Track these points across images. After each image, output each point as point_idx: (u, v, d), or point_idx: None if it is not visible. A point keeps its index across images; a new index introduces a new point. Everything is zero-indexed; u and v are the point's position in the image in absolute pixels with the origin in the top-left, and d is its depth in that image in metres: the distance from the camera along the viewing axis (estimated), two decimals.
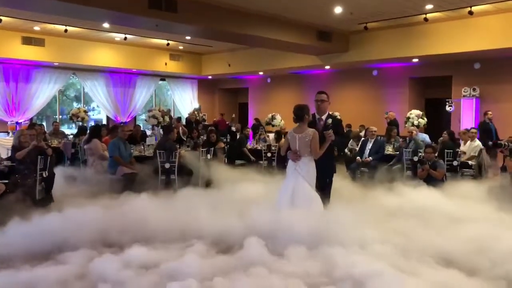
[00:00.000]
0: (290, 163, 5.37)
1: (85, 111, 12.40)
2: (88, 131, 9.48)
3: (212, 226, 5.05)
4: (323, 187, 5.38)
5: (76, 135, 10.63)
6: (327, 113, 5.61)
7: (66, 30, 12.10)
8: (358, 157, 9.29)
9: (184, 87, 18.50)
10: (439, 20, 10.88)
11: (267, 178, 7.86)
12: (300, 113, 5.24)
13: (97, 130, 8.87)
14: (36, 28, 12.48)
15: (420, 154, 8.49)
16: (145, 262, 4.21)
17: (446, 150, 8.72)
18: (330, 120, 5.45)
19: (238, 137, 11.65)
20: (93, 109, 18.56)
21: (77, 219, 5.18)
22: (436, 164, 7.83)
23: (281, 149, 5.74)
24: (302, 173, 5.21)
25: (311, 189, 5.19)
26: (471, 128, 9.86)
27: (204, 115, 17.57)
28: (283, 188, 5.34)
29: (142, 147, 9.18)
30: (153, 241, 4.79)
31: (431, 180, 7.67)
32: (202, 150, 8.64)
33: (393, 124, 11.67)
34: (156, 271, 4.01)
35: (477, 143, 9.23)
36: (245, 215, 5.27)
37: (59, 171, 7.96)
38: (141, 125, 12.17)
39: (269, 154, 10.16)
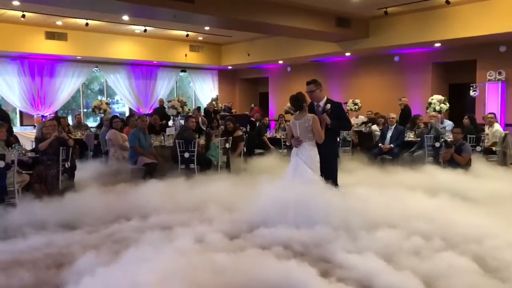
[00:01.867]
0: (293, 149, 5.53)
1: (107, 103, 12.59)
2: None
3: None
4: (327, 172, 5.37)
5: (98, 127, 10.83)
6: (325, 98, 5.62)
7: (87, 24, 12.30)
8: (380, 144, 9.25)
9: (204, 78, 18.59)
10: (462, 2, 10.58)
11: (283, 164, 7.92)
12: (297, 103, 5.38)
13: (111, 120, 9.02)
14: (59, 22, 12.73)
15: (442, 139, 8.37)
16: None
17: (468, 136, 8.55)
18: (328, 106, 5.45)
19: (257, 125, 11.65)
20: (117, 102, 18.86)
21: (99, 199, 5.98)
22: (462, 148, 7.67)
23: (287, 139, 5.83)
24: (303, 158, 5.30)
25: (312, 173, 5.20)
26: (489, 113, 9.61)
27: (231, 103, 17.60)
28: (286, 173, 5.50)
29: (162, 137, 9.31)
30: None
31: (455, 163, 7.53)
32: (220, 139, 8.71)
33: (407, 110, 11.59)
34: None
35: (496, 128, 9.01)
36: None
37: (82, 163, 8.24)
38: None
39: (288, 143, 10.15)
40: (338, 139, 6.11)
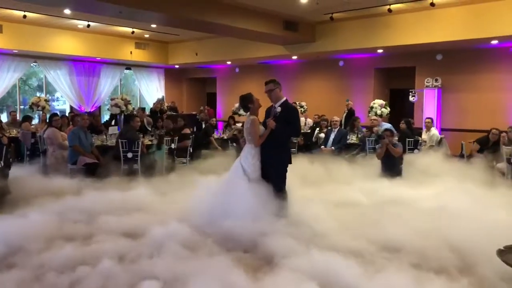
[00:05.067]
0: None
1: (46, 100, 12.00)
2: (48, 120, 9.21)
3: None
4: (272, 178, 5.13)
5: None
6: (282, 100, 5.34)
7: (25, 16, 11.63)
8: (322, 146, 9.46)
9: (150, 76, 18.18)
10: (403, 11, 11.04)
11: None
12: (241, 103, 5.44)
13: (51, 118, 8.65)
14: None
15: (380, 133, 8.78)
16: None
17: (407, 139, 8.93)
18: (279, 108, 5.25)
19: (203, 127, 11.57)
20: (57, 99, 18.08)
21: None
22: (394, 145, 8.01)
23: None
24: (242, 159, 5.25)
25: (242, 173, 5.12)
26: (427, 118, 10.13)
27: (173, 103, 17.30)
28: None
29: (105, 137, 9.01)
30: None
31: (389, 161, 7.79)
32: (166, 139, 8.57)
33: (351, 113, 12.00)
34: None
35: (433, 132, 9.50)
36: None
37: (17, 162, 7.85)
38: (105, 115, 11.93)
39: (235, 144, 10.16)
40: (288, 145, 5.65)
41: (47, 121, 9.25)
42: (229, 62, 16.56)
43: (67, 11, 10.93)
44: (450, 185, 6.52)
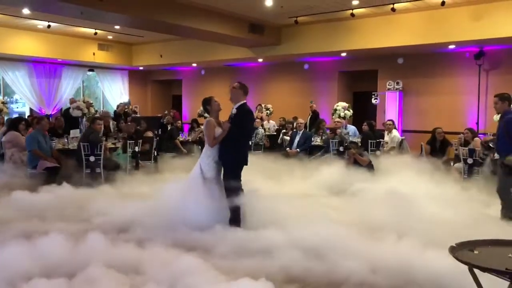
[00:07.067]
0: None
1: (4, 102, 11.59)
2: (6, 123, 8.92)
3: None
4: (225, 177, 5.31)
5: None
6: (240, 103, 5.38)
7: None
8: (287, 148, 9.56)
9: (114, 78, 17.82)
10: (365, 16, 11.30)
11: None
12: (202, 105, 5.64)
13: (16, 122, 8.39)
14: None
15: (345, 144, 8.85)
16: None
17: (369, 141, 9.13)
18: (234, 110, 5.38)
19: (169, 129, 11.47)
20: (16, 101, 17.50)
21: None
22: (361, 154, 8.13)
23: None
24: (200, 159, 5.42)
25: (199, 171, 5.28)
26: (388, 120, 10.39)
27: (136, 107, 17.05)
28: None
29: (66, 140, 8.79)
30: None
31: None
32: (130, 143, 8.45)
33: (315, 115, 12.21)
34: None
35: (394, 134, 9.76)
36: None
37: None
38: None
39: (200, 146, 10.12)
40: (243, 147, 5.50)
41: (5, 124, 8.96)
42: (194, 64, 16.47)
43: (26, 11, 10.61)
44: (407, 182, 6.71)
